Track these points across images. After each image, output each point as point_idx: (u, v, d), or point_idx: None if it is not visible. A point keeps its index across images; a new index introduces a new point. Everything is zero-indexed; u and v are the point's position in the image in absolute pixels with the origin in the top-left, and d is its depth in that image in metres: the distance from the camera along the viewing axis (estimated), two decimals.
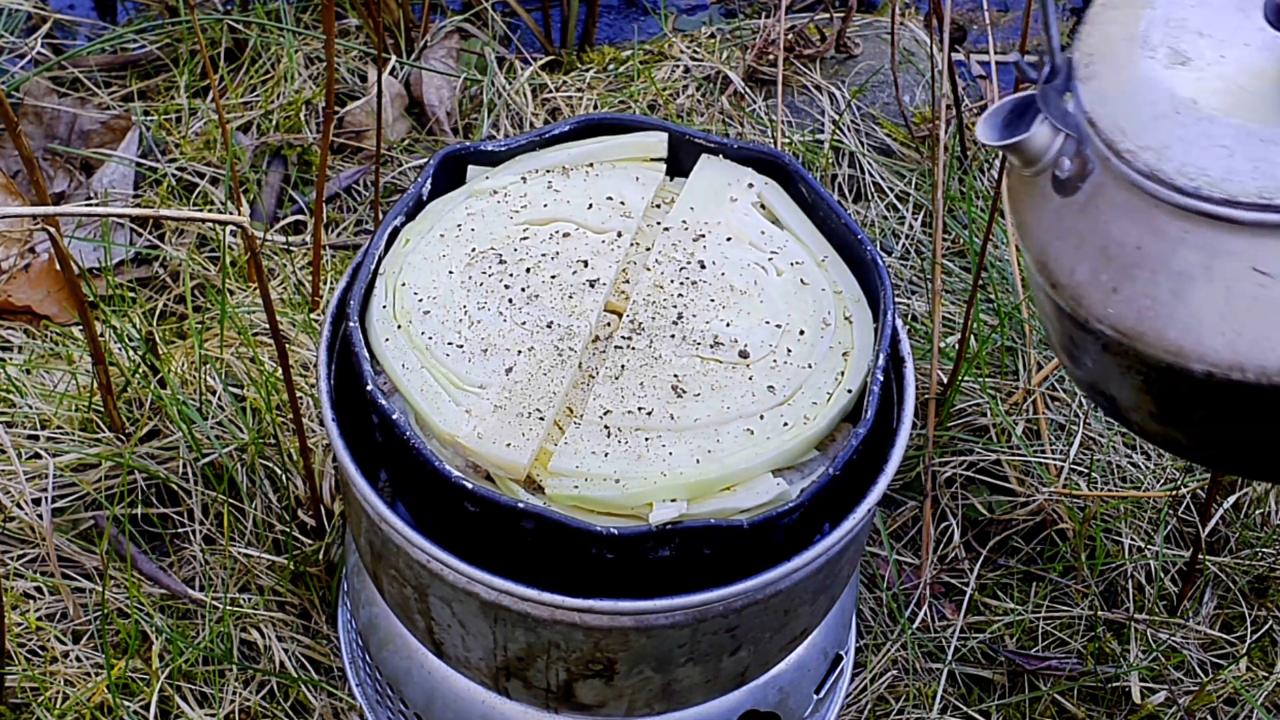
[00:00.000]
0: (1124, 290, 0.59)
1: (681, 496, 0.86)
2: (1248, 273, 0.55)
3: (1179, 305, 0.57)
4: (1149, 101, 0.59)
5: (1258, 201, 0.54)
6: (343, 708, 1.19)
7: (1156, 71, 0.60)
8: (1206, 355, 0.56)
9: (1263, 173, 0.54)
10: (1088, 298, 0.61)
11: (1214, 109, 0.57)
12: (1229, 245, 0.55)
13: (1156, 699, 1.24)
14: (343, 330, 0.96)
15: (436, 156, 1.03)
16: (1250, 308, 0.55)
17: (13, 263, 1.50)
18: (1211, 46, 0.60)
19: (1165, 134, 0.58)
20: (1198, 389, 0.57)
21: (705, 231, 1.01)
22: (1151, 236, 0.58)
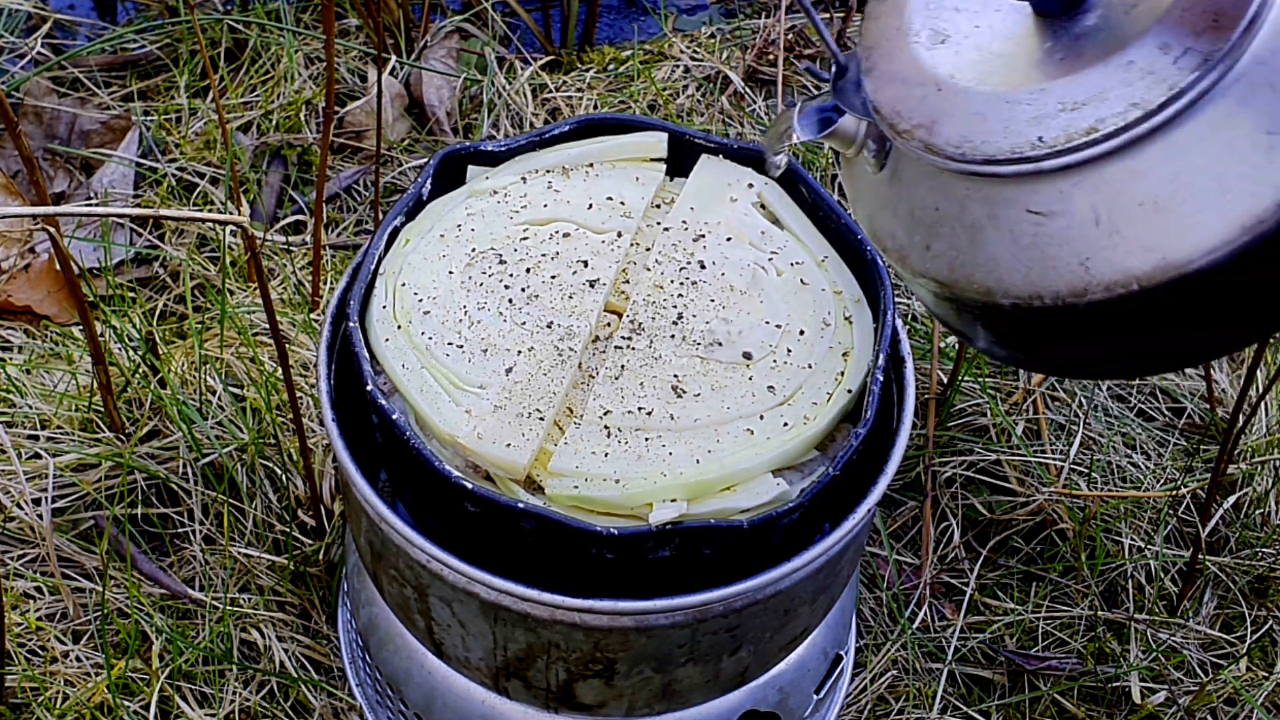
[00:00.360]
0: (934, 246, 0.68)
1: (681, 497, 0.86)
2: (1024, 215, 0.63)
3: (978, 252, 0.66)
4: (917, 83, 0.67)
5: (1011, 156, 0.62)
6: (343, 708, 1.19)
7: (920, 54, 0.68)
8: (1010, 290, 0.65)
9: (1011, 131, 0.62)
10: (910, 256, 0.70)
11: (968, 81, 0.65)
12: (1002, 195, 0.64)
13: (1156, 699, 1.24)
14: (343, 330, 0.96)
15: (436, 156, 1.03)
16: (1033, 244, 0.63)
17: (13, 263, 1.50)
18: (967, 19, 0.68)
19: (932, 110, 0.66)
20: (1014, 318, 0.66)
21: (705, 231, 1.01)
22: (944, 198, 0.67)
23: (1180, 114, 0.59)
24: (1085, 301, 0.63)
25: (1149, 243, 0.61)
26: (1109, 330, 0.64)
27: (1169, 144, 0.60)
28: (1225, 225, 0.59)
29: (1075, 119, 0.61)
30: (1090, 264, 0.62)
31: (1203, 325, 0.63)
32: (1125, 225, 0.61)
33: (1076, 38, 0.63)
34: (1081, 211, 0.62)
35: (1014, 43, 0.66)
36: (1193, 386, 1.48)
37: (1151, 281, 0.61)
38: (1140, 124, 0.60)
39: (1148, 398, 1.47)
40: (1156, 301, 0.61)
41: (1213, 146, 0.60)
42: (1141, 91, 0.60)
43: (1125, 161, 0.61)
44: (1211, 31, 0.59)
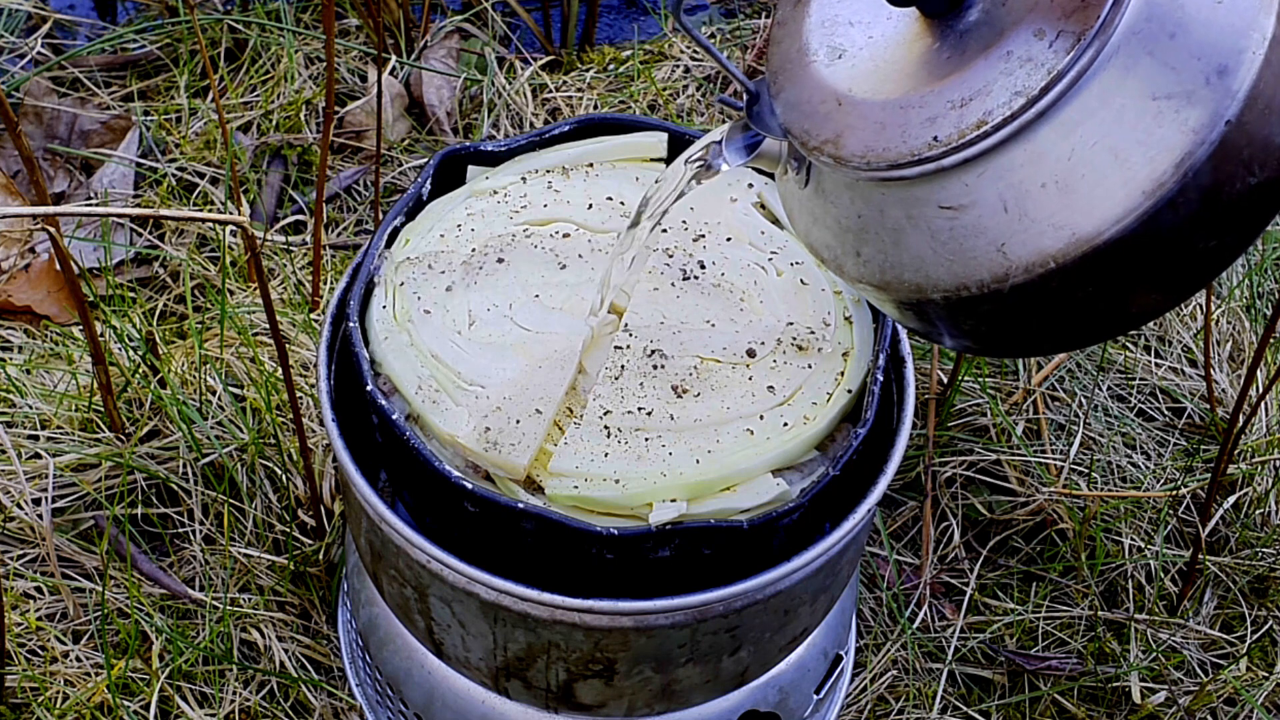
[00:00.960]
0: (864, 252, 0.71)
1: (681, 497, 0.86)
2: (938, 211, 0.65)
3: (903, 253, 0.68)
4: (819, 101, 0.69)
5: (912, 159, 0.64)
6: (343, 708, 1.19)
7: (820, 72, 0.70)
8: (939, 284, 0.67)
9: (909, 135, 0.64)
10: (845, 265, 0.73)
11: (866, 92, 0.67)
12: (914, 196, 0.66)
13: (1156, 699, 1.24)
14: (342, 330, 0.96)
15: (436, 156, 1.03)
16: (950, 238, 0.66)
17: (13, 263, 1.50)
18: (861, 31, 0.70)
19: (836, 125, 0.68)
20: (949, 309, 0.68)
21: (705, 231, 1.01)
22: (864, 206, 0.69)
23: (1064, 95, 0.61)
24: (1010, 285, 0.65)
25: (1058, 221, 0.62)
26: (1041, 308, 0.65)
27: (1059, 124, 0.62)
28: (1128, 193, 0.61)
29: (965, 115, 0.63)
30: (1007, 249, 0.64)
31: (1128, 290, 0.65)
32: (1032, 207, 0.63)
33: (961, 35, 0.65)
34: (989, 201, 0.64)
35: (905, 48, 0.68)
36: (1193, 386, 1.48)
37: (1067, 258, 0.63)
38: (1026, 111, 0.62)
39: (1148, 398, 1.47)
40: (1078, 275, 0.63)
41: (1102, 120, 0.61)
42: (1022, 80, 0.62)
43: (1020, 147, 0.62)
44: (1081, 12, 0.61)
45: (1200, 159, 0.60)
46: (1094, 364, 1.48)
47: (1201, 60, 0.61)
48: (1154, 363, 1.50)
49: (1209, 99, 0.60)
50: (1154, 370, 1.49)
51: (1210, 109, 0.60)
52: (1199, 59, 0.61)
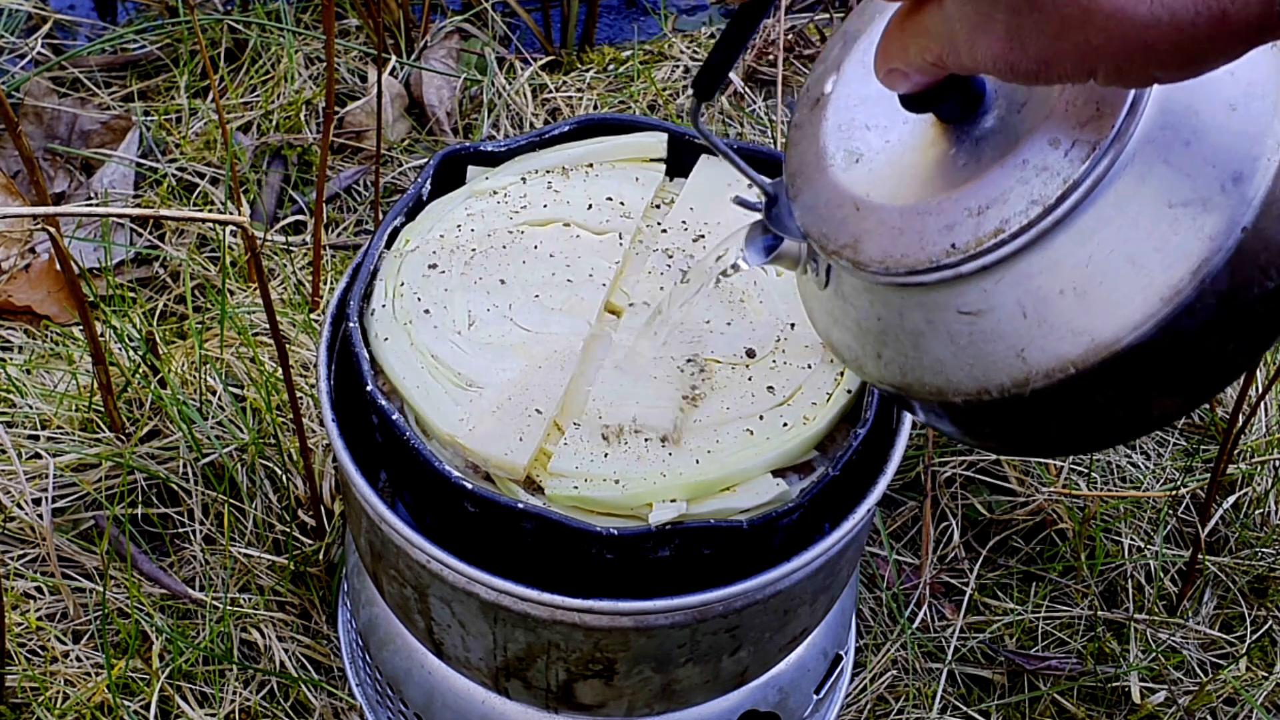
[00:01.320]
0: (884, 354, 0.71)
1: (681, 497, 0.86)
2: (956, 316, 0.65)
3: (923, 355, 0.68)
4: (837, 205, 0.70)
5: (930, 266, 0.64)
6: (343, 708, 1.19)
7: (838, 176, 0.70)
8: (959, 388, 0.67)
9: (927, 241, 0.65)
10: (865, 365, 0.73)
11: (883, 198, 0.68)
12: (933, 300, 0.66)
13: (1156, 699, 1.24)
14: (342, 330, 0.96)
15: (436, 157, 1.03)
16: (970, 342, 0.66)
17: (13, 263, 1.50)
18: (878, 135, 0.70)
19: (854, 230, 0.68)
20: (970, 412, 0.68)
21: (705, 232, 1.01)
22: (883, 309, 0.69)
23: (1080, 203, 0.61)
24: (1030, 390, 0.65)
25: (1077, 327, 0.62)
26: (1061, 412, 0.65)
27: (1076, 232, 0.62)
28: (1146, 300, 0.61)
29: (982, 223, 0.63)
30: (1026, 354, 0.64)
31: (1148, 394, 0.65)
32: (1051, 314, 0.63)
33: (977, 141, 0.65)
34: (1008, 307, 0.64)
35: (922, 153, 0.68)
36: None
37: (1087, 364, 0.63)
38: (1043, 219, 0.61)
39: None
40: (1097, 380, 0.63)
41: (1119, 227, 0.61)
42: (1039, 188, 0.62)
43: (1038, 254, 0.62)
44: (1096, 120, 0.61)
45: (1217, 265, 0.60)
46: None
47: (1217, 167, 0.61)
48: None
49: (1225, 206, 0.60)
50: None
51: (1226, 216, 0.60)
52: (1214, 166, 0.61)
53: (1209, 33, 0.48)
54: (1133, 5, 0.48)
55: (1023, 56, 0.53)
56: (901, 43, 0.59)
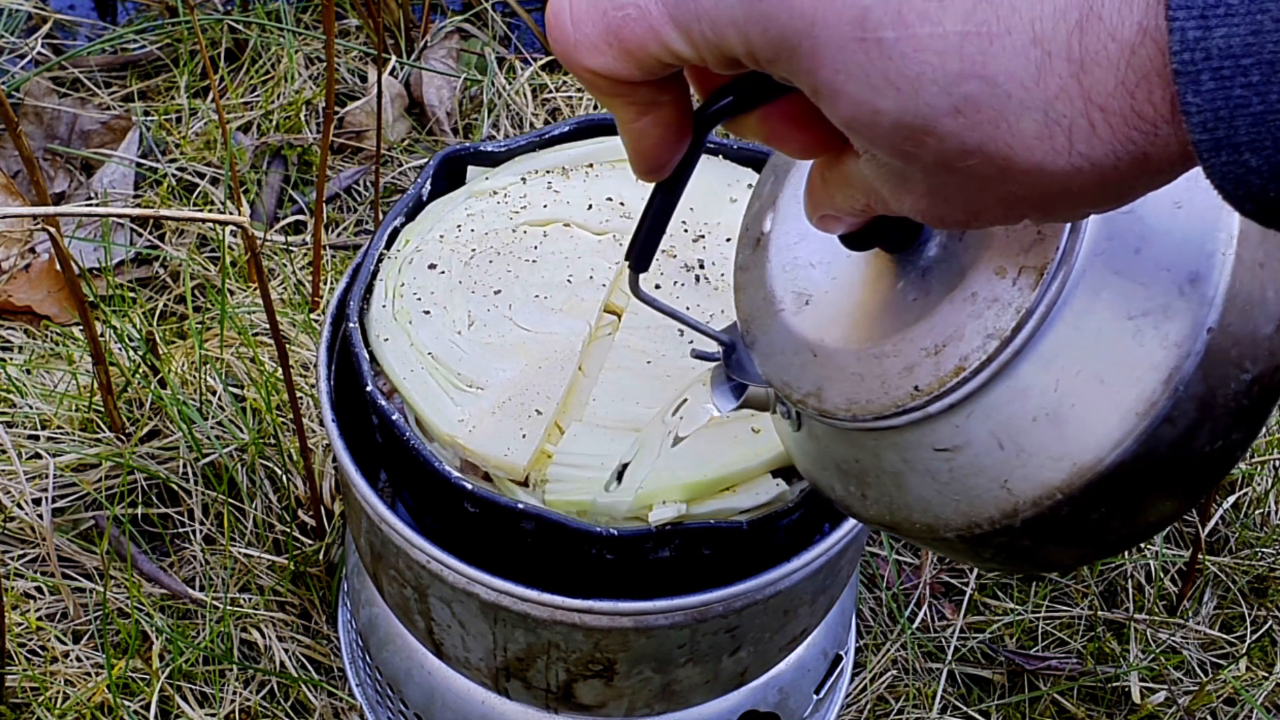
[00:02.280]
0: (869, 495, 0.68)
1: (681, 497, 0.86)
2: (933, 454, 0.63)
3: (908, 494, 0.66)
4: (794, 352, 0.68)
5: (896, 410, 0.63)
6: (343, 708, 1.19)
7: (789, 321, 0.69)
8: (949, 524, 0.65)
9: (889, 385, 0.63)
10: (852, 506, 0.71)
11: (838, 342, 0.66)
12: (906, 441, 0.64)
13: (1156, 699, 1.24)
14: (342, 331, 0.96)
15: (436, 157, 1.03)
16: (951, 479, 0.63)
17: (13, 263, 1.50)
18: (823, 272, 0.68)
19: (814, 378, 0.66)
20: (964, 546, 0.66)
21: (704, 232, 1.01)
22: (859, 451, 0.67)
23: (1037, 329, 0.59)
24: (1020, 519, 0.62)
25: (1056, 453, 0.60)
26: (1057, 534, 0.64)
27: (1037, 358, 0.60)
28: (1120, 418, 0.59)
29: (941, 362, 0.61)
30: (1010, 485, 0.62)
31: (1142, 504, 0.63)
32: (1028, 442, 0.61)
33: (924, 272, 0.63)
34: (982, 440, 0.62)
35: (870, 288, 0.66)
36: None
37: (1073, 488, 0.60)
38: (1001, 351, 0.60)
39: None
40: (1087, 501, 0.61)
41: (1080, 348, 0.59)
42: (992, 321, 0.60)
43: (1003, 385, 0.60)
44: (1039, 244, 0.59)
45: (1188, 371, 0.58)
46: None
47: (1171, 271, 0.59)
48: None
49: (1186, 309, 0.58)
50: None
51: (1189, 319, 0.58)
52: (1168, 270, 0.59)
53: (1133, 173, 0.47)
54: (1050, 159, 0.47)
55: (948, 210, 0.51)
56: (827, 192, 0.57)
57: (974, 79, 0.46)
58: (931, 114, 0.46)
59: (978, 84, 0.46)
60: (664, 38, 0.50)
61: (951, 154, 0.47)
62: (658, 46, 0.50)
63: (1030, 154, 0.47)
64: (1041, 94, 0.45)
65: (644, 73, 0.52)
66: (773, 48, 0.48)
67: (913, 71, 0.46)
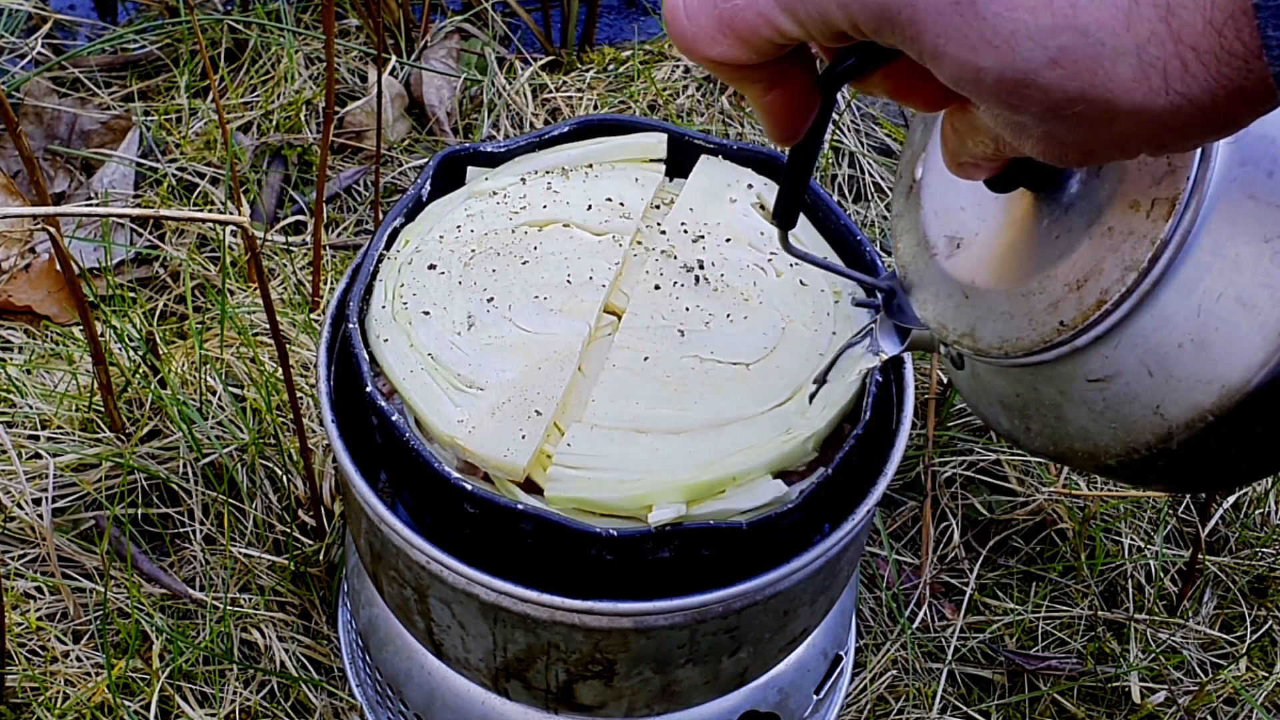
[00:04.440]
0: (1032, 427, 0.72)
1: (681, 498, 0.86)
2: (1087, 385, 0.66)
3: (1068, 425, 0.69)
4: (948, 294, 0.71)
5: (1045, 345, 0.66)
6: (343, 708, 1.19)
7: (943, 265, 0.72)
8: (1109, 450, 0.68)
9: (1036, 322, 0.66)
10: (1019, 439, 0.74)
11: (988, 283, 0.69)
12: (1060, 374, 0.67)
13: (1156, 699, 1.24)
14: (342, 331, 0.96)
15: (436, 157, 1.03)
16: (1107, 408, 0.66)
17: (13, 263, 1.50)
18: (973, 215, 0.71)
19: (968, 318, 0.70)
20: (1125, 470, 0.68)
21: (704, 232, 1.01)
22: (1018, 386, 0.71)
23: (1174, 259, 0.62)
24: (1176, 442, 0.65)
25: (1205, 376, 0.62)
26: (1215, 454, 0.66)
27: (1178, 286, 0.62)
28: (1265, 338, 0.61)
29: (1084, 296, 0.64)
30: (1163, 410, 0.64)
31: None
32: (1176, 368, 0.63)
33: (1066, 209, 0.66)
34: (1133, 368, 0.64)
35: (1017, 228, 0.69)
36: None
37: (1224, 409, 0.62)
38: (1141, 282, 0.62)
39: None
40: (1240, 421, 0.63)
41: (1220, 273, 0.61)
42: (1129, 254, 0.62)
43: (1147, 315, 0.63)
44: (1170, 176, 0.61)
45: None
46: None
47: None
48: None
49: None
50: None
51: None
52: None
53: (1232, 105, 0.49)
54: (1150, 99, 0.49)
55: (1065, 151, 0.54)
56: (959, 141, 0.60)
57: (1067, 31, 0.48)
58: (1030, 68, 0.49)
59: (1071, 35, 0.49)
60: (773, 21, 0.54)
61: (1057, 102, 0.50)
62: (769, 30, 0.54)
63: (1130, 96, 0.49)
64: (1132, 39, 0.48)
65: (760, 55, 0.56)
66: (874, 20, 0.51)
67: (1007, 29, 0.49)
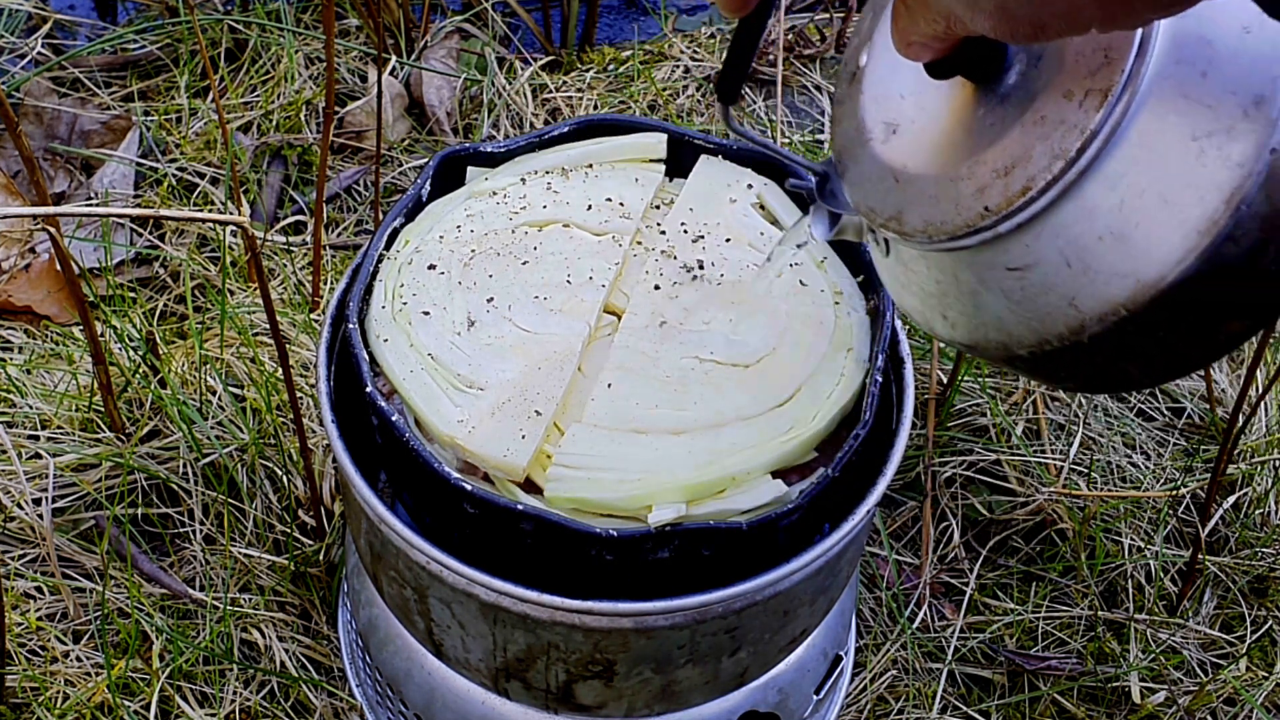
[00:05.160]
0: (949, 316, 0.72)
1: (680, 498, 0.86)
2: (1006, 274, 0.67)
3: (984, 314, 0.69)
4: (879, 179, 0.72)
5: (968, 230, 0.66)
6: (343, 708, 1.19)
7: (878, 150, 0.72)
8: (1022, 342, 0.69)
9: (962, 207, 0.66)
10: (935, 328, 0.75)
11: (919, 167, 0.69)
12: (981, 261, 0.68)
13: (1156, 699, 1.24)
14: (342, 332, 0.96)
15: (436, 157, 1.03)
16: (1024, 297, 0.67)
17: (13, 263, 1.50)
18: (912, 103, 0.71)
19: (897, 202, 0.70)
20: (1036, 361, 0.70)
21: (704, 233, 1.01)
22: (939, 272, 0.71)
23: (1101, 151, 0.62)
24: (1088, 335, 0.66)
25: (1121, 270, 0.63)
26: (1125, 352, 0.67)
27: (1103, 178, 0.63)
28: (1184, 235, 0.62)
29: (1010, 183, 0.64)
30: (1078, 302, 0.65)
31: (1209, 323, 0.65)
32: (1094, 260, 0.64)
33: (1002, 99, 0.66)
34: (1052, 259, 0.65)
35: (953, 117, 0.69)
36: (1192, 386, 1.48)
37: (1137, 304, 0.63)
38: (1067, 172, 0.63)
39: (1147, 397, 1.47)
40: (1152, 318, 0.64)
41: (1146, 168, 0.62)
42: (1058, 143, 0.63)
43: (1070, 205, 0.63)
44: (1105, 68, 0.62)
45: (1251, 191, 0.60)
46: None
47: (1237, 94, 0.61)
48: None
49: (1250, 131, 0.60)
50: None
51: (1253, 140, 0.60)
52: (1234, 93, 0.61)
53: None
54: None
55: (1016, 26, 0.55)
56: (910, 18, 0.60)
57: None
58: None
59: None
60: None
61: None
62: None
63: None
64: None
65: None
66: None
67: None
